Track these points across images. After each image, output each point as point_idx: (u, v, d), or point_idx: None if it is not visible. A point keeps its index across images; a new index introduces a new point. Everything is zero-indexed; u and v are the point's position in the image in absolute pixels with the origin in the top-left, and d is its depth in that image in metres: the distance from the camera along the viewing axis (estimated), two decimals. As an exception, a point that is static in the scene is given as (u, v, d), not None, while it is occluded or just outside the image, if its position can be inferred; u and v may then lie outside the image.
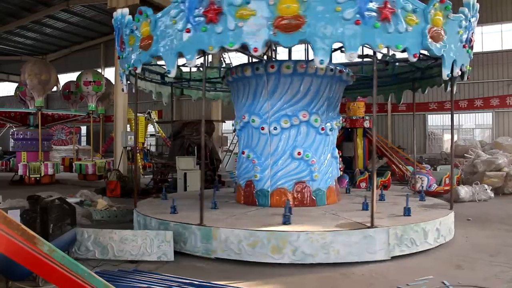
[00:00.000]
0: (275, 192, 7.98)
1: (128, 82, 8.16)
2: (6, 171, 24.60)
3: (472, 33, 6.96)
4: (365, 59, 8.83)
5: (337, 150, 8.70)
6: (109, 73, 28.40)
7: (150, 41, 6.52)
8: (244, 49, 6.08)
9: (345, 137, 15.83)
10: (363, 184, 12.86)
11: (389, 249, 5.95)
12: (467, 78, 7.50)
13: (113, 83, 18.40)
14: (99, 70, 29.60)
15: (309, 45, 6.92)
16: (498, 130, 22.42)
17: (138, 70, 7.06)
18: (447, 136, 24.16)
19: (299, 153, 7.88)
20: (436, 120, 24.74)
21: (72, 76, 27.23)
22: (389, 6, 5.66)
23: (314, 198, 8.03)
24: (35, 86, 18.61)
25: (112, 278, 4.92)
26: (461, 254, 6.26)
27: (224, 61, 17.07)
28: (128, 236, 6.08)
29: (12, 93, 28.49)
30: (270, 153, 8.03)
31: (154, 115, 22.76)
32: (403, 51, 5.95)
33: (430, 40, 5.95)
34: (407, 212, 6.85)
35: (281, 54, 12.32)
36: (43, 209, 5.16)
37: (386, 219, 6.56)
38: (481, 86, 22.90)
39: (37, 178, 17.39)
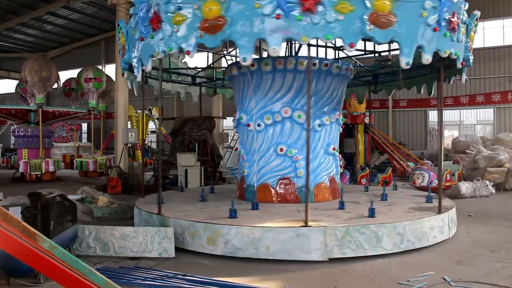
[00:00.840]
0: (260, 187, 8.13)
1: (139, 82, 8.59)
2: (7, 169, 24.61)
3: (455, 13, 6.14)
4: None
5: (332, 146, 8.40)
6: (110, 70, 28.35)
7: (124, 51, 7.38)
8: (180, 52, 6.39)
9: (346, 133, 15.83)
10: (364, 180, 12.84)
11: (327, 249, 5.74)
12: (461, 65, 6.84)
13: (114, 80, 18.37)
14: (100, 67, 29.59)
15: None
16: (500, 126, 22.37)
17: (125, 76, 8.05)
18: (448, 132, 24.13)
19: (281, 150, 7.94)
20: (437, 116, 24.70)
21: (73, 73, 27.18)
22: None
23: (298, 195, 7.98)
24: (35, 83, 18.58)
25: (113, 275, 4.93)
26: (462, 250, 6.26)
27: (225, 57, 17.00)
28: (129, 232, 6.09)
29: (13, 90, 28.48)
30: (256, 149, 8.18)
31: (155, 112, 22.73)
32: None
33: (372, 26, 5.52)
34: (370, 213, 6.43)
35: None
36: (44, 206, 5.15)
37: (340, 220, 6.29)
38: (483, 81, 22.84)
39: (38, 175, 17.40)
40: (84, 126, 34.62)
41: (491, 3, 21.94)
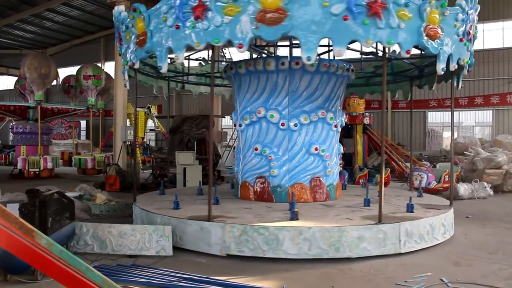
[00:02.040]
0: (242, 185, 8.45)
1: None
2: (6, 165, 24.59)
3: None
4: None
5: (315, 146, 7.99)
6: (109, 67, 28.32)
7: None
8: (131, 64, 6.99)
9: (345, 133, 15.83)
10: (362, 181, 12.86)
11: (225, 245, 5.91)
12: (408, 53, 5.97)
13: (113, 77, 18.34)
14: (99, 64, 29.53)
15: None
16: (498, 128, 22.41)
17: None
18: (446, 133, 24.16)
19: (256, 149, 8.15)
20: (436, 117, 24.73)
21: (72, 70, 27.15)
22: (201, 4, 5.78)
23: (272, 194, 8.02)
24: (34, 79, 18.56)
25: (110, 273, 4.93)
26: (459, 251, 6.26)
27: (224, 56, 17.04)
28: (127, 230, 6.08)
29: (12, 87, 28.43)
30: (241, 148, 8.55)
31: (153, 110, 22.72)
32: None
33: (258, 25, 5.51)
34: (291, 215, 6.25)
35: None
36: (42, 203, 5.14)
37: (260, 220, 6.24)
38: (482, 83, 22.88)
39: (36, 172, 17.38)
40: (83, 123, 34.61)
41: (490, 5, 21.94)
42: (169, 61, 6.59)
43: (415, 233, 6.23)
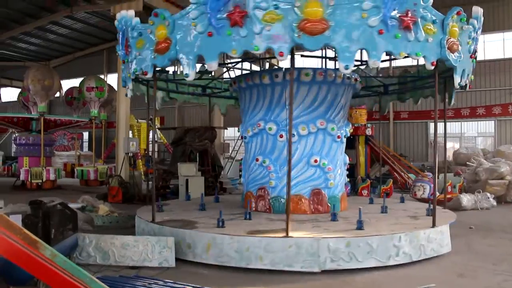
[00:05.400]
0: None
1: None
2: (8, 176, 24.61)
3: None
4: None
5: (261, 158, 8.16)
6: (112, 79, 28.47)
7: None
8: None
9: (347, 144, 15.81)
10: (365, 192, 12.82)
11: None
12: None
13: (116, 89, 18.44)
14: (102, 76, 29.69)
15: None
16: (501, 138, 22.38)
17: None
18: (449, 144, 24.12)
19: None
20: (438, 128, 24.69)
21: (75, 82, 27.32)
22: None
23: (241, 201, 9.03)
24: (38, 91, 18.66)
25: (113, 284, 4.91)
26: (463, 263, 6.23)
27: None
28: (130, 242, 6.07)
29: (15, 99, 28.63)
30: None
31: (156, 122, 22.80)
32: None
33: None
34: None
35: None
36: (45, 214, 5.15)
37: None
38: (483, 94, 22.90)
39: (39, 184, 17.39)
40: (86, 135, 34.68)
41: (491, 16, 22.05)
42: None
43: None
